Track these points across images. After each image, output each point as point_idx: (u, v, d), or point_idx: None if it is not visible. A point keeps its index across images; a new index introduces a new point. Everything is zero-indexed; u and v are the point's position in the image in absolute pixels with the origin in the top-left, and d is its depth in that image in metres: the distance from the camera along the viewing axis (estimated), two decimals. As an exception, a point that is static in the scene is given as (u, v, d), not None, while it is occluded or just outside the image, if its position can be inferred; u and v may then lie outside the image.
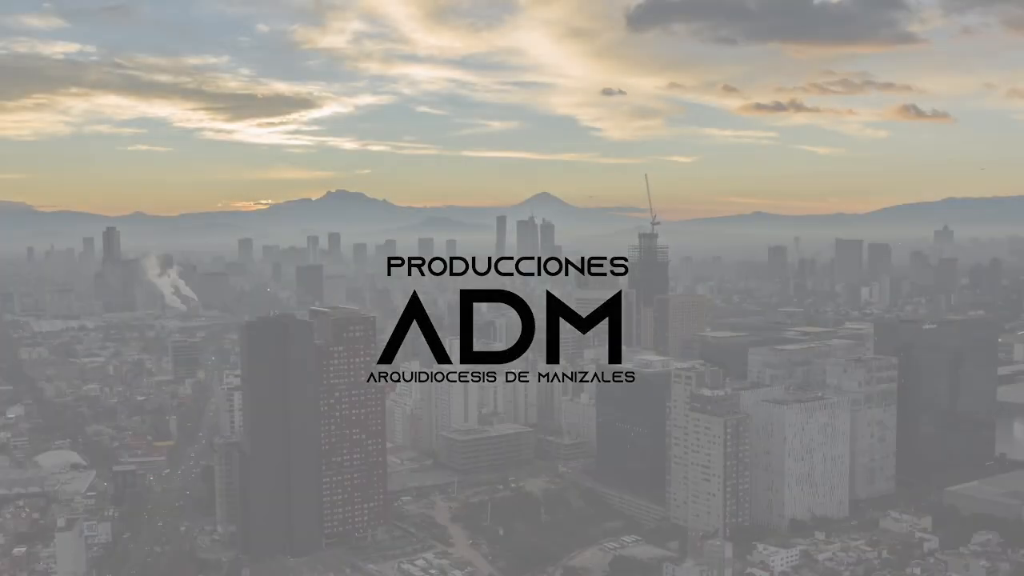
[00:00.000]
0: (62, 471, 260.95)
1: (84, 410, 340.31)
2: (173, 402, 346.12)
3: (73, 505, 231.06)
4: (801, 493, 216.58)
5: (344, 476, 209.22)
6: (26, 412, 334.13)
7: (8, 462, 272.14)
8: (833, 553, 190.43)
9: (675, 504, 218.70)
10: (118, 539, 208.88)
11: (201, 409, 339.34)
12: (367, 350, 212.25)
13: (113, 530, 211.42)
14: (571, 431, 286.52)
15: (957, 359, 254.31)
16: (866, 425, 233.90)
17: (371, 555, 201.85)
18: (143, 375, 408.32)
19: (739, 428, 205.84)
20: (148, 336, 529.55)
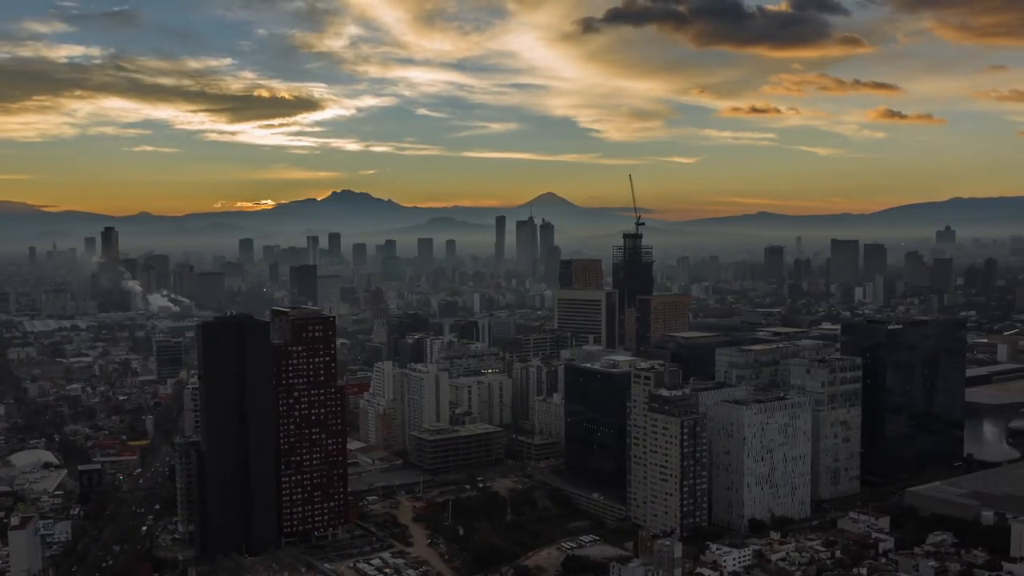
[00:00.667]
0: (34, 470, 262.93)
1: (64, 409, 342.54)
2: (152, 402, 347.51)
3: (40, 504, 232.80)
4: (761, 493, 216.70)
5: (304, 476, 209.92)
6: (6, 411, 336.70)
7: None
8: (787, 553, 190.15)
9: (635, 504, 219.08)
10: (79, 538, 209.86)
11: (180, 409, 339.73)
12: (327, 350, 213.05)
13: (74, 529, 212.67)
14: (543, 431, 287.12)
15: (924, 360, 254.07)
16: (829, 425, 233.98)
17: (328, 554, 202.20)
18: (128, 375, 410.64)
19: (696, 428, 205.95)
20: (138, 336, 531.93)
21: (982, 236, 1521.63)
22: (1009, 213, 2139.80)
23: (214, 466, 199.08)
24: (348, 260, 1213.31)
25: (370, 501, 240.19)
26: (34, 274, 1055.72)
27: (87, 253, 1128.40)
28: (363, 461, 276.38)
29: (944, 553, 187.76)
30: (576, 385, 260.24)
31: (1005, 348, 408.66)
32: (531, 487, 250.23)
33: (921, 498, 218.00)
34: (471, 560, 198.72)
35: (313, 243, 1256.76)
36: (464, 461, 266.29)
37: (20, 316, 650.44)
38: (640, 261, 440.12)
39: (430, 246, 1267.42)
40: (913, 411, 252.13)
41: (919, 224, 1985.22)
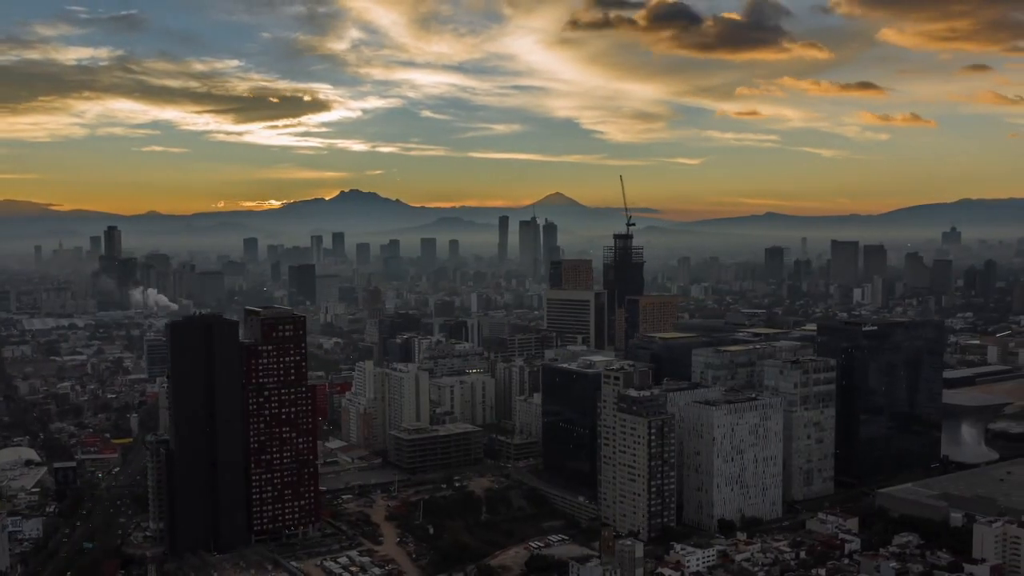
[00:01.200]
0: (14, 467, 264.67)
1: (52, 407, 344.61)
2: (139, 400, 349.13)
3: (16, 501, 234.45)
4: (731, 494, 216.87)
5: (274, 474, 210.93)
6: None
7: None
8: (751, 554, 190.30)
9: (606, 504, 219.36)
10: (51, 535, 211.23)
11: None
12: (297, 349, 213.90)
13: (47, 526, 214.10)
14: (524, 431, 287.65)
15: (901, 361, 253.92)
16: (802, 427, 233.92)
17: (297, 552, 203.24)
18: (119, 373, 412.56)
19: (664, 429, 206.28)
20: (133, 335, 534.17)
21: (989, 237, 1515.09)
22: (1018, 215, 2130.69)
23: (182, 464, 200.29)
24: (352, 260, 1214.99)
25: (344, 500, 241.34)
26: (38, 273, 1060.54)
27: (92, 252, 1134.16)
28: (343, 460, 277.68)
29: (909, 554, 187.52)
30: (553, 385, 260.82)
31: (995, 350, 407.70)
32: (507, 487, 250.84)
33: (891, 499, 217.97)
34: (438, 559, 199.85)
35: (317, 242, 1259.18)
36: (442, 460, 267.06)
37: (20, 315, 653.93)
38: (631, 261, 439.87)
39: (433, 246, 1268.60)
40: (889, 412, 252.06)
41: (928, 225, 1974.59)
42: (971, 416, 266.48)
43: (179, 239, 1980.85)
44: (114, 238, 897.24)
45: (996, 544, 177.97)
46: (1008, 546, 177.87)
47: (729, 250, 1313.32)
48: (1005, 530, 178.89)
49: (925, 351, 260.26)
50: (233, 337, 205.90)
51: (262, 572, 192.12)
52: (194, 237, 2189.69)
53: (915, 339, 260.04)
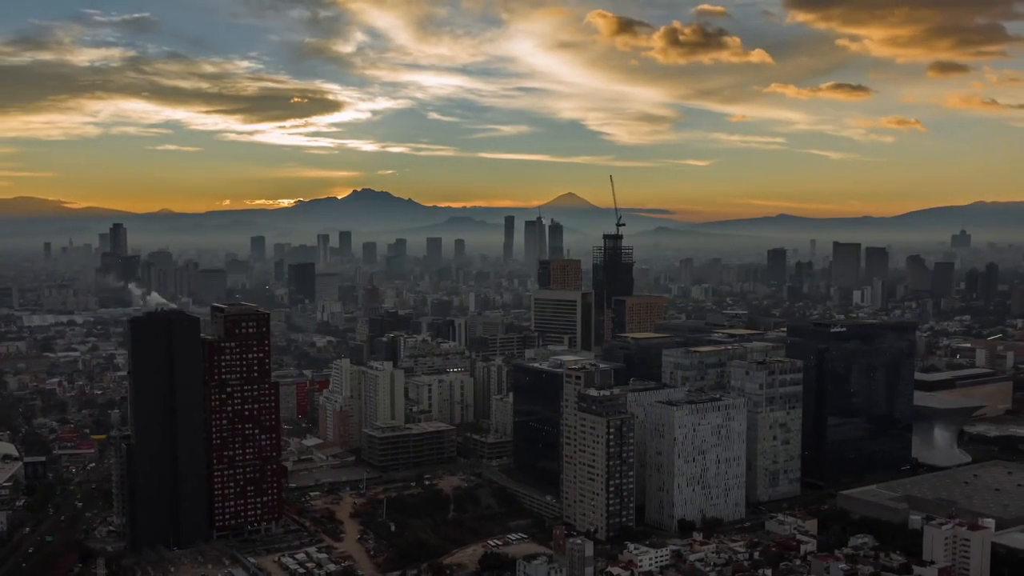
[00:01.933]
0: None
1: (37, 403, 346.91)
2: (122, 396, 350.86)
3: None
4: (692, 494, 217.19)
5: (236, 470, 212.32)
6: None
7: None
8: (705, 554, 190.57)
9: (567, 503, 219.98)
10: (16, 528, 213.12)
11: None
12: (260, 346, 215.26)
13: (12, 520, 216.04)
14: (499, 430, 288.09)
15: (871, 363, 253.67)
16: (768, 427, 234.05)
17: (257, 548, 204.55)
18: (109, 370, 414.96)
19: (623, 428, 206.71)
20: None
21: (1001, 240, 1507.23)
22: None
23: (142, 460, 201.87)
24: (358, 258, 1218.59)
25: (312, 497, 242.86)
26: (46, 270, 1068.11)
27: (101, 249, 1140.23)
28: (317, 457, 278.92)
29: (862, 556, 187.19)
30: (523, 384, 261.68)
31: (983, 353, 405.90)
32: (476, 485, 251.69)
33: (852, 501, 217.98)
34: (395, 556, 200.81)
35: (323, 241, 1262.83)
36: (415, 459, 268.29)
37: (22, 311, 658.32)
38: (620, 262, 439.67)
39: (439, 245, 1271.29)
40: (858, 414, 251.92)
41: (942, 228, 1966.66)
42: (943, 419, 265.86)
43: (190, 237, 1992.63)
44: (119, 236, 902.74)
45: (946, 546, 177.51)
46: (958, 548, 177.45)
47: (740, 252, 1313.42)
48: (955, 532, 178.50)
49: (896, 353, 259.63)
50: (194, 333, 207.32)
51: (219, 567, 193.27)
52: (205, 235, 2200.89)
53: (885, 341, 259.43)
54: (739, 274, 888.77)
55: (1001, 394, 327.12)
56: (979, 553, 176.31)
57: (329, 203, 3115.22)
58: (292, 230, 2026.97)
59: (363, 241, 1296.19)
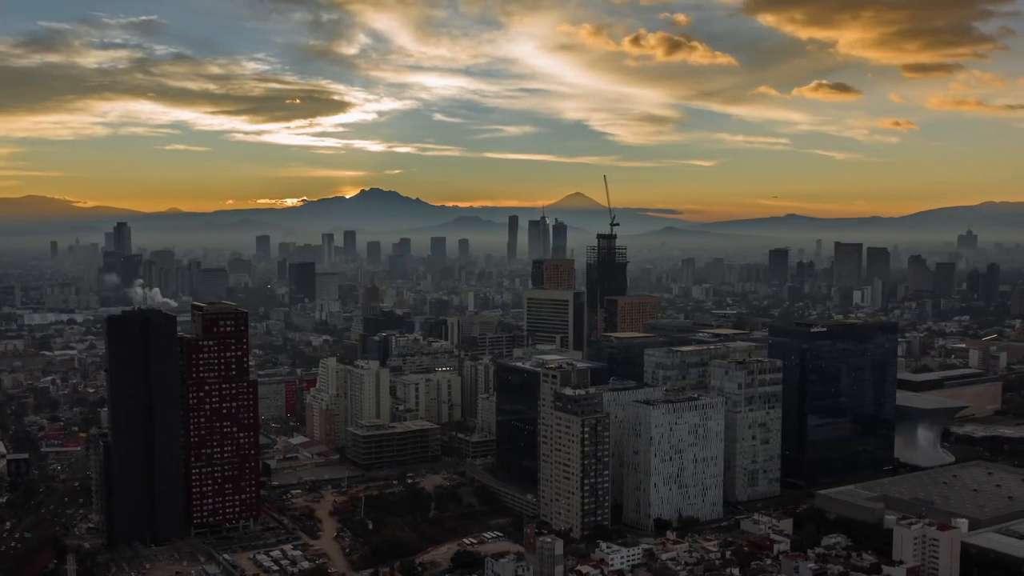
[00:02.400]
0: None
1: (30, 401, 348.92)
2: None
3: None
4: (669, 493, 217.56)
5: (214, 468, 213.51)
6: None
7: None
8: (677, 553, 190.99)
9: (544, 501, 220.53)
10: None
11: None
12: (239, 345, 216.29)
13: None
14: (484, 429, 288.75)
15: (852, 363, 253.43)
16: (747, 427, 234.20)
17: (233, 545, 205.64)
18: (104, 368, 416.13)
19: (598, 427, 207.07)
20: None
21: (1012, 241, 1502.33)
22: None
23: (119, 457, 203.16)
24: (363, 258, 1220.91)
25: (294, 495, 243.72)
26: (52, 268, 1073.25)
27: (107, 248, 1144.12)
28: (303, 455, 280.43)
29: (834, 555, 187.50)
30: (506, 383, 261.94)
31: (977, 353, 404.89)
32: (458, 484, 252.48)
33: (829, 501, 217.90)
34: (370, 553, 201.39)
35: (328, 240, 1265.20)
36: (398, 457, 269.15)
37: (23, 309, 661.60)
38: (614, 262, 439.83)
39: (443, 245, 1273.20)
40: (840, 414, 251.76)
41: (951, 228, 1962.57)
42: (926, 419, 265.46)
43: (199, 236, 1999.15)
44: (123, 235, 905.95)
45: (915, 546, 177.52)
46: (927, 548, 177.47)
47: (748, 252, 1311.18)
48: (924, 532, 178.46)
49: (878, 353, 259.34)
50: (171, 332, 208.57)
51: (194, 564, 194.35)
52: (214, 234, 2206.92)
53: (867, 341, 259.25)
54: (741, 274, 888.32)
55: (990, 395, 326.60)
56: (948, 553, 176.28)
57: (337, 202, 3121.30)
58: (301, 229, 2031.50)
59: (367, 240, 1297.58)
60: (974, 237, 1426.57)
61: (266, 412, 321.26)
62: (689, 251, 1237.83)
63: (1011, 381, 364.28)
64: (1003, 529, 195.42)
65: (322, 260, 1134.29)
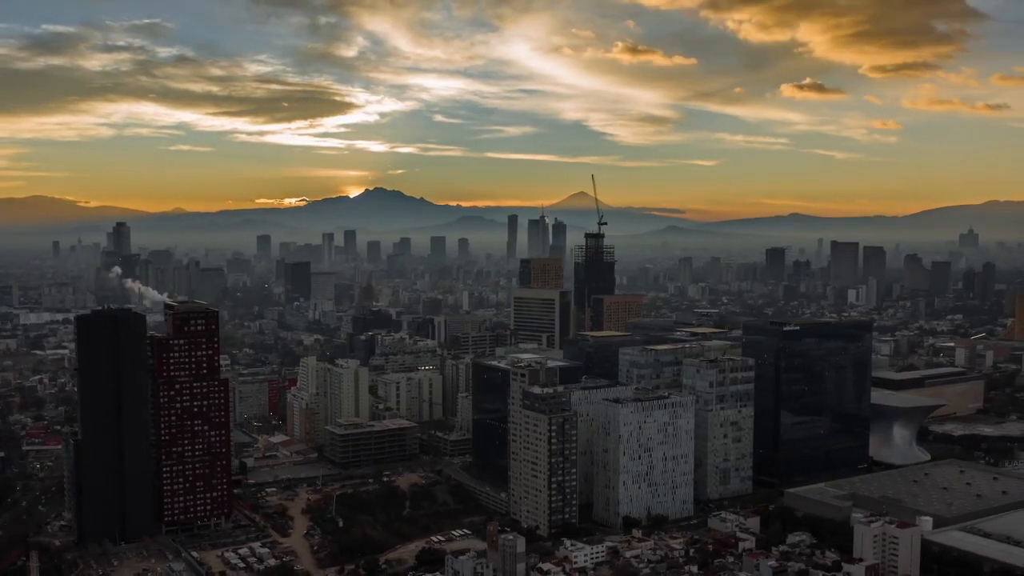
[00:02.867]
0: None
1: (15, 399, 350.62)
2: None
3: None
4: (638, 491, 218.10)
5: (185, 466, 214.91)
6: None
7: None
8: (642, 551, 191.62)
9: (514, 499, 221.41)
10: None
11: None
12: (210, 344, 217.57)
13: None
14: (463, 427, 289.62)
15: (826, 362, 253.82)
16: (718, 426, 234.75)
17: (203, 543, 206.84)
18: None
19: (565, 426, 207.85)
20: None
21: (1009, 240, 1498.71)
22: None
23: (89, 455, 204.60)
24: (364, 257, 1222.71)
25: (269, 493, 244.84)
26: (53, 268, 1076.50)
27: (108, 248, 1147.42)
28: (282, 454, 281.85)
29: (798, 553, 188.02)
30: (482, 382, 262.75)
31: (963, 352, 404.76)
32: (434, 482, 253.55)
33: (797, 499, 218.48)
34: (338, 551, 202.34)
35: (328, 240, 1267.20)
36: (376, 456, 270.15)
37: (20, 309, 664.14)
38: (603, 261, 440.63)
39: (443, 244, 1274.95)
40: (813, 413, 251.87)
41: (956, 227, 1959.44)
42: (902, 418, 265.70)
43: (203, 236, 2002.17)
44: (123, 235, 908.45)
45: (875, 543, 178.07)
46: (887, 545, 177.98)
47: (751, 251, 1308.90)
48: (884, 529, 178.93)
49: (852, 352, 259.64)
50: (140, 331, 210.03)
51: (162, 561, 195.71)
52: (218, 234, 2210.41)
53: (842, 340, 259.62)
54: (738, 273, 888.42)
55: (972, 393, 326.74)
56: (908, 550, 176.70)
57: (342, 202, 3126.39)
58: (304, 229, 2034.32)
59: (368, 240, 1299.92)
60: (975, 236, 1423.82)
61: (248, 411, 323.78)
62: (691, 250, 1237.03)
63: (995, 380, 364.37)
64: (968, 527, 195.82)
65: (322, 260, 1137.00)
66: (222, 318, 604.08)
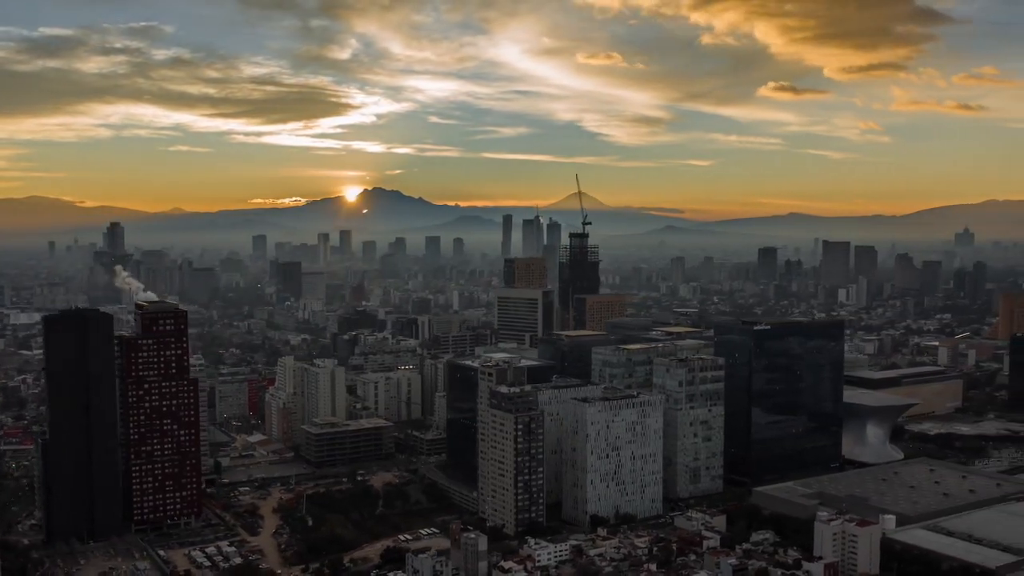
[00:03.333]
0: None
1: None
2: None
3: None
4: (606, 490, 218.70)
5: (154, 465, 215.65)
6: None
7: None
8: (605, 549, 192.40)
9: (483, 498, 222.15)
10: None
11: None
12: (179, 343, 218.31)
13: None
14: (440, 426, 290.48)
15: (797, 361, 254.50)
16: (688, 424, 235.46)
17: (171, 542, 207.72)
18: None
19: (531, 425, 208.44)
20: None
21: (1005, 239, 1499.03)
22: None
23: (57, 455, 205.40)
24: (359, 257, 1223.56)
25: (242, 492, 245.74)
26: (49, 268, 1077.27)
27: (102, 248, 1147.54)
28: (259, 453, 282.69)
29: (760, 551, 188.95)
30: (455, 381, 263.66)
31: (945, 351, 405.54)
32: (408, 481, 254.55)
33: (765, 497, 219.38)
34: (305, 550, 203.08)
35: (324, 240, 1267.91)
36: (351, 455, 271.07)
37: (12, 309, 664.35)
38: (587, 260, 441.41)
39: (438, 244, 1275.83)
40: (786, 412, 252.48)
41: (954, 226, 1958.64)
42: (874, 416, 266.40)
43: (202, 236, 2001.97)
44: (116, 235, 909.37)
45: (834, 541, 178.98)
46: (847, 543, 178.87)
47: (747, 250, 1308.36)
48: (843, 528, 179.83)
49: (824, 351, 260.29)
50: (107, 331, 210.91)
51: (129, 560, 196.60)
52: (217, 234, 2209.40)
53: (813, 339, 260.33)
54: (731, 273, 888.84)
55: (950, 392, 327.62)
56: (867, 548, 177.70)
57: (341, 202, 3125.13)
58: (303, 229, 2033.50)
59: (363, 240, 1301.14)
60: (971, 235, 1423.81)
61: (228, 411, 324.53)
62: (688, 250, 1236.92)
63: (975, 379, 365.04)
64: (930, 525, 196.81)
65: (317, 260, 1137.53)
66: (212, 318, 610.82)
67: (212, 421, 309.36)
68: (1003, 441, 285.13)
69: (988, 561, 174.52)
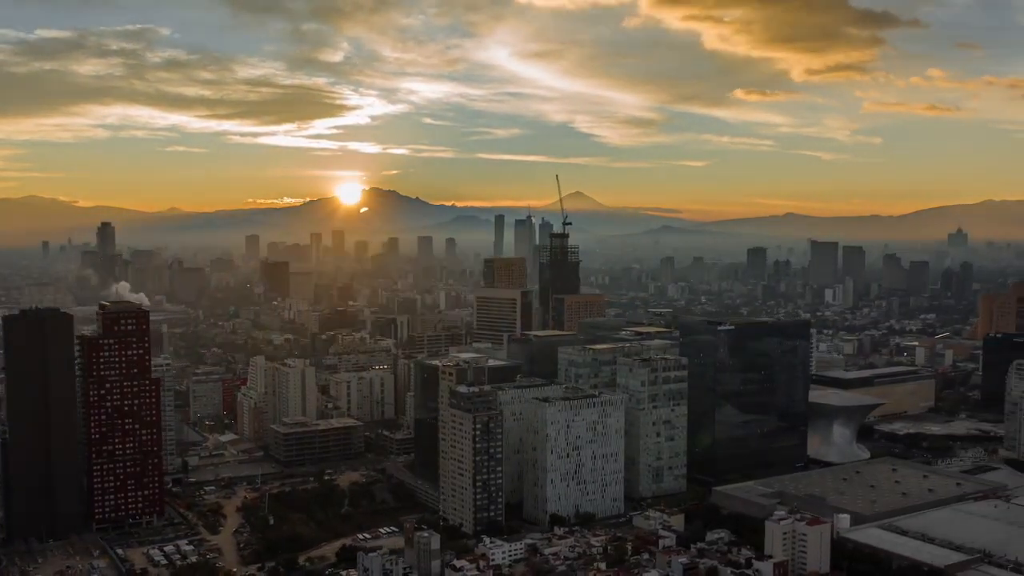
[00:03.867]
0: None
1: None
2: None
3: None
4: (567, 490, 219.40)
5: (116, 464, 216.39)
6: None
7: None
8: (560, 548, 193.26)
9: (443, 497, 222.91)
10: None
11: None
12: (140, 343, 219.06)
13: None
14: (410, 426, 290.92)
15: (763, 361, 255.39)
16: (651, 424, 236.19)
17: (131, 541, 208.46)
18: None
19: (490, 424, 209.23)
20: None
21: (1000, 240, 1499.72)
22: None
23: (16, 454, 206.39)
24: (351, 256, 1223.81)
25: (208, 491, 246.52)
26: (42, 268, 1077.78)
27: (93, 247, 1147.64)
28: (228, 453, 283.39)
29: (715, 551, 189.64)
30: (423, 381, 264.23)
31: (923, 351, 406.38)
32: (375, 480, 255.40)
33: (724, 497, 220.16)
34: (263, 548, 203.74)
35: (316, 240, 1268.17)
36: (320, 454, 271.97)
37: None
38: (567, 260, 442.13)
39: (430, 244, 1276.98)
40: (750, 412, 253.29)
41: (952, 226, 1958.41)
42: (840, 416, 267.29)
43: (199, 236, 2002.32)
44: (107, 234, 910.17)
45: (784, 540, 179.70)
46: (797, 542, 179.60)
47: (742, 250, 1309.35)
48: (793, 527, 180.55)
49: (790, 350, 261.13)
50: (67, 330, 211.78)
51: (87, 558, 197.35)
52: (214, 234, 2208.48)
53: (778, 339, 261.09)
54: (720, 273, 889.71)
55: (923, 392, 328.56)
56: (817, 547, 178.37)
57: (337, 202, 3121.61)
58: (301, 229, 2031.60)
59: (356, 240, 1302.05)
60: (964, 235, 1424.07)
61: (202, 410, 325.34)
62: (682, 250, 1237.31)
63: (950, 379, 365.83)
64: (886, 524, 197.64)
65: (310, 259, 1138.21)
66: (198, 317, 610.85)
67: (186, 420, 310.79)
68: (971, 441, 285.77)
69: (938, 560, 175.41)
